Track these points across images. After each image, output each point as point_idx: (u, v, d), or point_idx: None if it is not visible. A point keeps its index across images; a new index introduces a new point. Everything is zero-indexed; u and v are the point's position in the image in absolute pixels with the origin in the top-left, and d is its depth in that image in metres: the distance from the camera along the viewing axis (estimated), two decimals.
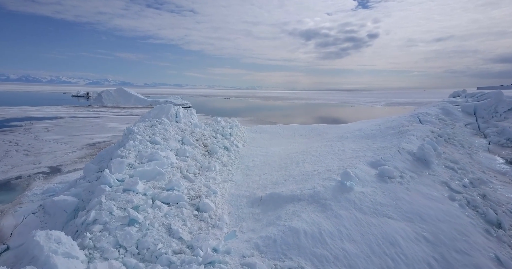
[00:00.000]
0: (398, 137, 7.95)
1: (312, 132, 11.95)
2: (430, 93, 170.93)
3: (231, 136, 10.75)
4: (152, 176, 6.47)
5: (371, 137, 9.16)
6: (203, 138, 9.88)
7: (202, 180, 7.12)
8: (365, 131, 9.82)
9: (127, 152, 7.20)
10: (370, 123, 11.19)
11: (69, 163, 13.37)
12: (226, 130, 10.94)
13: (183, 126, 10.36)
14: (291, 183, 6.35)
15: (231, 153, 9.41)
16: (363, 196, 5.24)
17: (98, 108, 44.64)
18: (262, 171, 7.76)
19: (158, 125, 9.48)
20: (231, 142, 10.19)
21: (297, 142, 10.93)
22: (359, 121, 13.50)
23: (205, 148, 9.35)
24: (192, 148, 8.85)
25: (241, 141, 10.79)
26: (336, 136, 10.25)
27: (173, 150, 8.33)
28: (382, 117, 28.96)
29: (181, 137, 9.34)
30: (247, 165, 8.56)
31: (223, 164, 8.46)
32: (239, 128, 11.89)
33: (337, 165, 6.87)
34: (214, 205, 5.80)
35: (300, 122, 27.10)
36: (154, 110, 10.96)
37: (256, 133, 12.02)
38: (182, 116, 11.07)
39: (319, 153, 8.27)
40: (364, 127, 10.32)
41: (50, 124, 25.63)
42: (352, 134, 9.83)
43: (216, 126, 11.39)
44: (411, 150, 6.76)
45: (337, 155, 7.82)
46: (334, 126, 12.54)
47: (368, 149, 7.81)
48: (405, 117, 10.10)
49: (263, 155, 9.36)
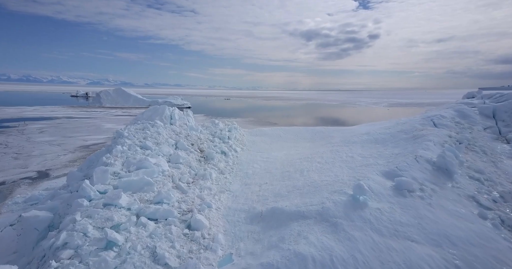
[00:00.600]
0: (412, 142, 7.22)
1: (316, 136, 11.23)
2: (431, 93, 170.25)
3: (230, 139, 10.03)
4: (140, 187, 5.76)
5: (381, 141, 8.44)
6: (199, 142, 9.17)
7: (196, 190, 6.41)
8: (374, 135, 9.10)
9: (113, 159, 6.49)
10: (378, 126, 10.47)
11: (59, 167, 12.68)
12: (224, 133, 10.23)
13: (178, 129, 9.65)
14: (295, 195, 5.64)
15: (229, 158, 8.70)
16: (380, 213, 4.52)
17: (96, 109, 43.97)
18: (262, 180, 7.04)
19: (150, 128, 8.78)
20: (229, 146, 9.48)
21: (300, 146, 10.22)
22: (365, 123, 12.77)
23: (201, 153, 8.64)
24: (187, 153, 8.14)
25: (240, 145, 10.08)
26: (342, 140, 9.53)
27: (166, 156, 7.62)
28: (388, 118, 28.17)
29: (175, 141, 8.64)
30: (246, 172, 7.84)
31: (220, 172, 7.75)
32: (238, 131, 11.18)
33: (346, 174, 6.16)
34: (207, 222, 5.09)
35: (301, 123, 26.40)
36: (148, 112, 10.26)
37: (256, 136, 11.30)
38: (177, 118, 10.37)
39: (325, 160, 7.55)
40: (373, 131, 9.60)
41: (45, 125, 24.95)
42: (360, 138, 9.11)
43: (213, 128, 10.68)
44: (429, 158, 6.04)
45: (346, 162, 7.10)
46: (339, 128, 11.82)
47: (380, 156, 7.08)
48: (417, 120, 9.38)
49: (263, 161, 8.65)
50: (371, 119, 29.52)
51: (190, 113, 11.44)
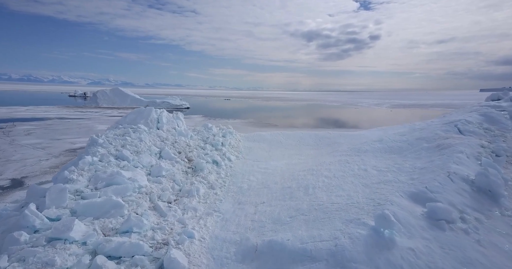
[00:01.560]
0: (438, 154, 6.07)
1: (320, 142, 10.09)
2: (432, 94, 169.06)
3: (223, 146, 8.89)
4: (105, 210, 4.62)
5: (398, 151, 7.28)
6: (187, 149, 8.02)
7: (178, 211, 5.25)
8: (387, 143, 7.95)
9: (77, 174, 5.34)
10: (391, 132, 9.32)
11: (37, 174, 11.55)
12: (217, 139, 9.08)
13: (165, 134, 8.51)
14: (299, 223, 4.48)
15: (222, 169, 7.55)
16: (415, 256, 3.37)
17: (92, 109, 42.85)
18: (259, 198, 5.88)
19: (131, 134, 7.64)
20: (222, 154, 8.33)
21: (303, 154, 9.07)
22: (374, 128, 11.61)
23: (189, 163, 7.49)
24: (172, 164, 6.99)
25: (236, 153, 8.93)
26: (351, 148, 8.37)
27: (146, 168, 6.47)
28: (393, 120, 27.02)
29: (160, 149, 7.49)
30: (240, 187, 6.69)
31: (210, 186, 6.59)
32: (233, 136, 10.04)
33: (362, 194, 5.00)
34: (186, 261, 3.93)
35: (303, 125, 25.26)
36: (132, 114, 9.13)
37: (253, 142, 10.16)
38: (165, 121, 9.23)
39: (334, 173, 6.40)
40: (385, 137, 8.45)
41: (34, 126, 23.82)
42: (371, 147, 7.96)
43: (205, 133, 9.53)
44: (466, 176, 4.89)
45: (358, 177, 5.94)
46: (346, 133, 10.67)
47: (399, 170, 5.93)
48: (437, 125, 8.23)
49: (261, 173, 7.50)
50: (376, 121, 28.38)
51: (181, 115, 10.29)
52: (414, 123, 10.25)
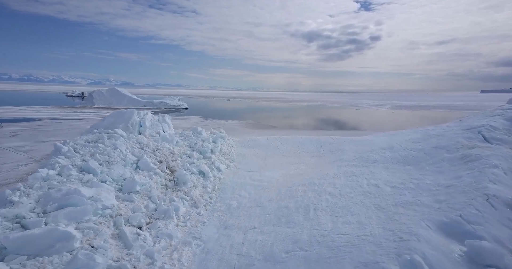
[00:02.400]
0: (466, 167, 5.05)
1: (322, 148, 9.07)
2: (432, 95, 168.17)
3: (213, 153, 7.87)
4: (47, 245, 3.60)
5: (413, 162, 6.26)
6: (170, 158, 7.01)
7: (148, 240, 4.23)
8: (399, 151, 6.93)
9: (21, 194, 4.33)
10: (402, 138, 8.30)
11: (11, 181, 10.48)
12: (206, 145, 8.07)
13: (146, 140, 7.50)
14: (297, 262, 3.46)
15: (209, 181, 6.53)
16: None
17: (87, 109, 41.84)
18: (250, 221, 4.86)
19: (105, 140, 6.63)
20: (211, 163, 7.32)
21: (303, 162, 8.06)
22: (381, 132, 10.59)
23: (171, 174, 6.48)
24: (149, 176, 5.98)
25: (227, 161, 7.91)
26: (357, 156, 7.35)
27: (116, 182, 5.46)
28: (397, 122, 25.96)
29: (138, 158, 6.48)
30: (228, 204, 5.67)
31: (193, 203, 5.57)
32: (225, 141, 9.02)
33: (376, 221, 3.98)
34: None
35: (303, 127, 24.23)
36: (110, 117, 8.13)
37: (248, 147, 9.14)
38: (148, 125, 8.22)
39: (339, 189, 5.38)
40: (396, 145, 7.43)
41: (22, 127, 22.78)
42: (381, 156, 6.94)
43: (194, 138, 8.52)
44: (508, 199, 3.87)
45: (369, 196, 4.93)
46: (350, 139, 9.64)
47: (419, 187, 4.91)
48: (456, 130, 7.22)
49: (254, 186, 6.48)
50: (380, 123, 27.34)
51: (168, 118, 9.28)
52: (426, 127, 9.23)
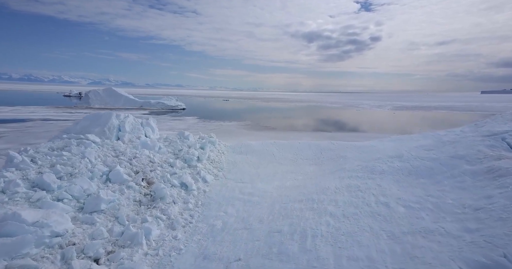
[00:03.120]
0: (496, 184, 4.20)
1: (322, 155, 8.23)
2: (433, 96, 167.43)
3: (199, 161, 7.03)
4: None
5: (427, 174, 5.41)
6: (149, 168, 6.15)
7: None
8: (410, 160, 6.08)
9: None
10: (412, 144, 7.45)
11: None
12: (192, 152, 7.21)
13: (124, 147, 6.65)
14: None
15: (191, 196, 5.68)
16: None
17: (82, 109, 40.98)
18: (234, 249, 4.01)
19: (73, 148, 5.79)
20: (196, 173, 6.47)
21: (300, 172, 7.21)
22: (386, 137, 9.74)
23: (148, 187, 5.63)
24: (120, 190, 5.13)
25: (215, 170, 7.06)
26: (362, 166, 6.50)
27: (78, 199, 4.61)
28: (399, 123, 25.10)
29: (109, 169, 5.63)
30: (212, 225, 4.81)
31: (169, 224, 4.72)
32: (215, 147, 8.18)
33: (390, 258, 3.14)
34: None
35: (302, 128, 23.39)
36: (85, 121, 7.28)
37: (240, 154, 8.29)
38: (128, 129, 7.37)
39: (342, 209, 4.53)
40: (406, 153, 6.59)
41: (10, 129, 21.94)
42: (389, 166, 6.09)
43: (179, 144, 7.67)
44: None
45: (379, 219, 4.08)
46: (353, 145, 8.78)
47: (440, 209, 4.06)
48: (474, 137, 6.37)
49: (243, 201, 5.62)
50: (382, 124, 26.50)
51: (152, 122, 8.42)
52: (436, 132, 8.38)
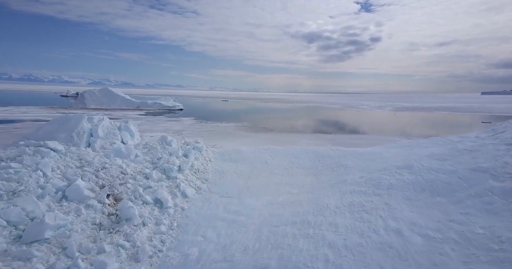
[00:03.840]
0: None
1: (320, 163, 7.37)
2: (433, 97, 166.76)
3: (181, 171, 6.16)
4: None
5: (445, 190, 4.55)
6: (119, 180, 5.29)
7: None
8: (422, 173, 5.22)
9: None
10: (421, 152, 6.58)
11: None
12: (173, 160, 6.34)
13: (93, 155, 5.79)
14: None
15: (166, 215, 4.81)
16: None
17: (77, 110, 40.02)
18: None
19: (26, 158, 4.92)
20: (175, 186, 5.61)
21: (296, 184, 6.34)
22: (391, 142, 8.87)
23: (115, 205, 4.77)
24: (77, 211, 4.27)
25: (198, 182, 6.19)
26: (365, 178, 5.64)
27: (13, 226, 3.74)
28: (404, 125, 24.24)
29: (68, 183, 4.77)
30: (185, 254, 3.95)
31: (133, 255, 3.85)
32: (202, 154, 7.31)
33: None
34: None
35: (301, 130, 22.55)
36: (51, 125, 6.42)
37: (229, 161, 7.42)
38: (102, 135, 6.51)
39: (344, 237, 3.67)
40: (415, 162, 5.73)
41: None
42: (397, 178, 5.24)
43: (160, 152, 6.79)
44: None
45: (391, 253, 3.22)
46: (354, 151, 7.90)
47: (465, 239, 3.21)
48: (495, 144, 5.52)
49: (227, 222, 4.76)
50: (384, 126, 25.64)
51: (132, 125, 7.55)
52: (448, 138, 7.52)
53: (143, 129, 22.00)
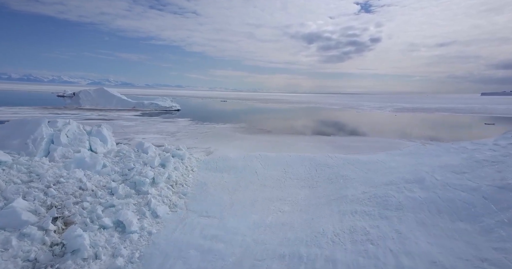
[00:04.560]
0: None
1: (317, 173, 6.49)
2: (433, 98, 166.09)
3: (155, 185, 5.29)
4: None
5: (467, 214, 3.69)
6: (74, 198, 4.42)
7: None
8: (436, 189, 4.37)
9: None
10: (432, 161, 5.73)
11: None
12: (146, 172, 5.47)
13: (46, 167, 4.92)
14: None
15: (127, 243, 3.94)
16: None
17: (70, 110, 39.05)
18: None
19: None
20: (144, 204, 4.74)
21: (288, 198, 5.47)
22: (396, 148, 8.01)
23: (62, 231, 3.90)
24: (4, 244, 3.40)
25: (175, 197, 5.31)
26: (369, 194, 4.77)
27: None
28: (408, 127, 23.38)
29: (4, 204, 3.90)
30: None
31: None
32: (183, 163, 6.43)
33: None
34: None
35: (299, 132, 21.68)
36: (3, 129, 5.53)
37: (214, 171, 6.54)
38: (65, 141, 5.63)
39: None
40: (427, 176, 4.87)
41: None
42: (407, 196, 4.37)
43: (133, 160, 5.92)
44: None
45: None
46: (355, 159, 7.01)
47: None
48: None
49: (201, 252, 3.88)
50: (385, 128, 24.77)
51: (105, 129, 6.66)
52: (461, 144, 6.66)
53: (136, 130, 21.06)
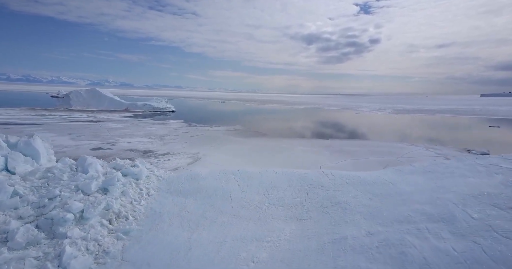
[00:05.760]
0: None
1: (307, 197, 5.06)
2: (433, 99, 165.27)
3: (83, 222, 3.86)
4: None
5: None
6: None
7: None
8: (476, 237, 2.96)
9: None
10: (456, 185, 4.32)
11: None
12: (70, 204, 4.03)
13: None
14: None
15: None
16: None
17: (59, 112, 37.62)
18: None
19: None
20: (53, 257, 3.32)
21: (266, 237, 4.04)
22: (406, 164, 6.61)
23: None
24: None
25: (110, 238, 3.86)
26: (376, 237, 3.36)
27: None
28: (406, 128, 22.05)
29: None
30: None
31: None
32: (137, 184, 4.99)
33: None
34: None
35: (296, 134, 20.29)
36: None
37: (177, 195, 5.08)
38: None
39: None
40: (458, 211, 3.46)
41: None
42: (434, 246, 2.97)
43: (62, 185, 4.48)
44: None
45: None
46: (357, 177, 5.56)
47: None
48: None
49: None
50: (386, 130, 23.42)
51: (39, 140, 5.22)
52: (487, 158, 5.27)
53: (123, 133, 19.59)
